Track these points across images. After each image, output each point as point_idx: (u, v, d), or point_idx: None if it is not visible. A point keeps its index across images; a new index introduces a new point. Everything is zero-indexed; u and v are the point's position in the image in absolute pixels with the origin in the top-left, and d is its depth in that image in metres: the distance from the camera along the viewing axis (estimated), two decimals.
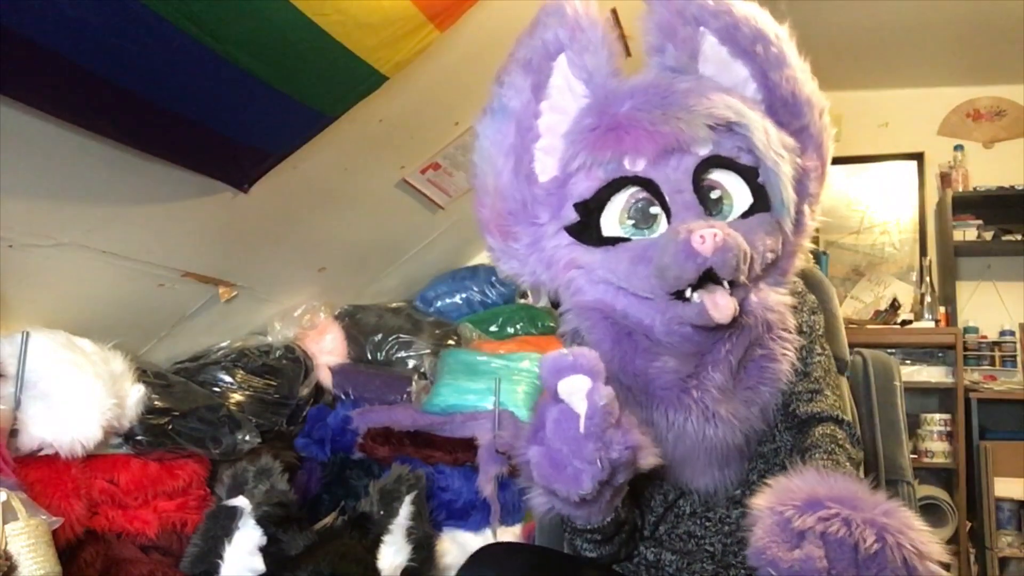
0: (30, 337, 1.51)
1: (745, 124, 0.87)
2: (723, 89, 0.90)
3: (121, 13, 1.10)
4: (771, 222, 0.90)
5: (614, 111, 0.89)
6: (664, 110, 0.86)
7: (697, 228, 0.81)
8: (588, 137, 0.89)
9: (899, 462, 1.34)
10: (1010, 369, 3.29)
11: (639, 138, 0.86)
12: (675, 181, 0.88)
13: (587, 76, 0.93)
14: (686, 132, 0.85)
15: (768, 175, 0.88)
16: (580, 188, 0.91)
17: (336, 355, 2.40)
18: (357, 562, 1.65)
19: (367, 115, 1.71)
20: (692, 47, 0.91)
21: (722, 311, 0.83)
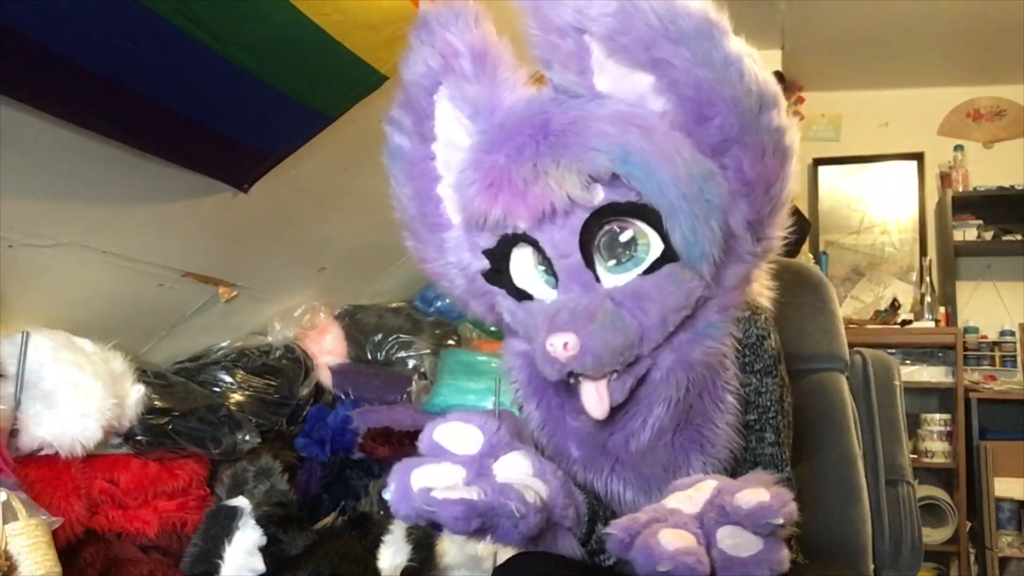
0: (30, 337, 1.51)
1: (628, 171, 0.72)
2: (615, 113, 0.74)
3: (121, 13, 1.10)
4: (682, 274, 0.77)
5: (491, 162, 0.76)
6: (536, 161, 0.73)
7: (552, 332, 0.74)
8: (467, 193, 0.78)
9: (899, 462, 1.34)
10: (1010, 369, 3.29)
11: (511, 201, 0.75)
12: (559, 243, 0.77)
13: (472, 110, 0.81)
14: (557, 193, 0.73)
15: (669, 223, 0.74)
16: (482, 239, 0.83)
17: (336, 355, 2.40)
18: (357, 562, 1.65)
19: (367, 115, 1.70)
20: (579, 63, 0.75)
21: (594, 407, 0.78)
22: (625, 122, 0.74)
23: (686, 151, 0.73)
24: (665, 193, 0.73)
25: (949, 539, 3.05)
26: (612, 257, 0.78)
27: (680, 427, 0.85)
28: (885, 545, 1.30)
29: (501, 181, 0.75)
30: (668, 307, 0.78)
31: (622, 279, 0.77)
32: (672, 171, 0.72)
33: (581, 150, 0.73)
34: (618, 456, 0.86)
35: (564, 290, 0.79)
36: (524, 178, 0.74)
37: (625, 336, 0.76)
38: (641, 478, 0.87)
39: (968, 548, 3.07)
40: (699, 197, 0.73)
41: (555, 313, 0.76)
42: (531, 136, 0.75)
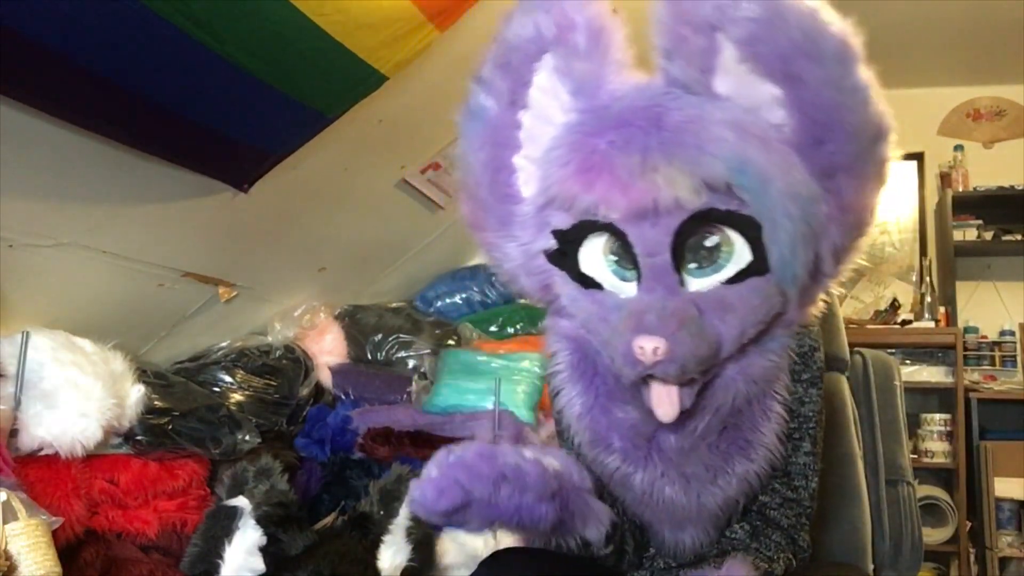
0: (30, 337, 1.51)
1: (742, 183, 0.70)
2: (734, 120, 0.71)
3: (121, 13, 1.10)
4: (767, 288, 0.76)
5: (592, 146, 0.73)
6: (645, 155, 0.70)
7: (639, 334, 0.72)
8: (559, 173, 0.75)
9: (899, 462, 1.34)
10: (1010, 369, 3.29)
11: (610, 190, 0.71)
12: (650, 241, 0.74)
13: (575, 87, 0.77)
14: (664, 192, 0.70)
15: (769, 239, 0.72)
16: (556, 219, 0.80)
17: (336, 355, 2.40)
18: (357, 562, 1.65)
19: (367, 115, 1.71)
20: (705, 61, 0.71)
21: (666, 412, 0.77)
22: (743, 130, 0.71)
23: (798, 170, 0.71)
24: (773, 209, 0.71)
25: (949, 539, 3.05)
26: (695, 260, 0.75)
27: (727, 431, 0.85)
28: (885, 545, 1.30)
29: (602, 168, 0.71)
30: (748, 320, 0.77)
31: (704, 283, 0.76)
32: (784, 188, 0.70)
33: (697, 152, 0.70)
34: (662, 452, 0.86)
35: (647, 289, 0.76)
36: (629, 169, 0.70)
37: (709, 346, 0.75)
38: (682, 477, 0.87)
39: (968, 548, 3.07)
40: (803, 218, 0.71)
41: (642, 314, 0.74)
42: (642, 128, 0.71)
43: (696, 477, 0.86)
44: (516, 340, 2.53)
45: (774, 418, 0.86)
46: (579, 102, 0.77)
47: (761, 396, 0.85)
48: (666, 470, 0.86)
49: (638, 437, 0.86)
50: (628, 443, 0.87)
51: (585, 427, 0.89)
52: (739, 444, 0.86)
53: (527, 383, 2.24)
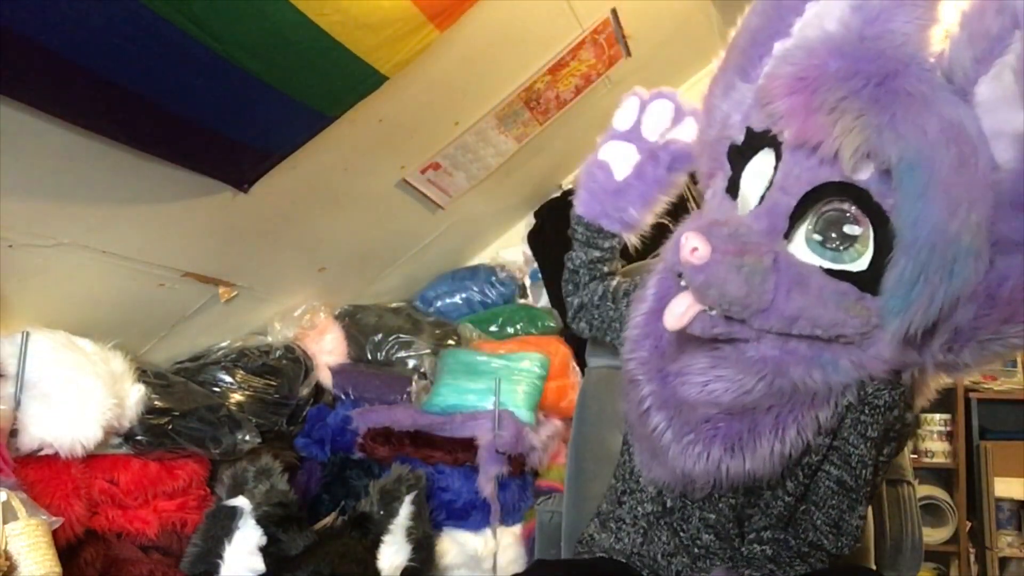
0: (30, 337, 1.51)
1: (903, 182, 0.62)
2: (955, 123, 0.63)
3: (121, 13, 1.10)
4: (854, 305, 0.70)
5: (821, 61, 0.67)
6: (845, 98, 0.64)
7: (695, 232, 0.69)
8: (777, 72, 0.71)
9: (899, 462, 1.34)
10: (1010, 369, 3.29)
11: (795, 110, 0.68)
12: (791, 178, 0.71)
13: (859, 3, 0.71)
14: (831, 140, 0.66)
15: (897, 256, 0.65)
16: (757, 117, 0.77)
17: (336, 355, 2.40)
18: (357, 562, 1.65)
19: (367, 115, 1.71)
20: (987, 49, 0.64)
21: (669, 316, 0.75)
22: (954, 136, 0.63)
23: (977, 215, 0.62)
24: (917, 228, 0.63)
25: (949, 539, 3.05)
26: (820, 232, 0.71)
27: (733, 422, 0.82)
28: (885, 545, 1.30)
29: (807, 87, 0.67)
30: (809, 315, 0.71)
31: (807, 256, 0.71)
32: (944, 216, 0.62)
33: (889, 123, 0.63)
34: (671, 388, 0.84)
35: (754, 216, 0.73)
36: (822, 100, 0.66)
37: (748, 294, 0.70)
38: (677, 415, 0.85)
39: (968, 548, 3.06)
40: (946, 262, 0.63)
41: (715, 223, 0.71)
42: (868, 72, 0.65)
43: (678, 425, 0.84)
44: (516, 340, 2.53)
45: (787, 444, 0.80)
46: (852, 18, 0.71)
47: (785, 414, 0.79)
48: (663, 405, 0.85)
49: (657, 359, 0.86)
50: (649, 355, 0.87)
51: (639, 323, 0.90)
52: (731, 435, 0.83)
53: (527, 383, 2.24)
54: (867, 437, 0.82)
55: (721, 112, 0.82)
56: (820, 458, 0.85)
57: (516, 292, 2.82)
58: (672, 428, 0.85)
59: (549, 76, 2.16)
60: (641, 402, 0.87)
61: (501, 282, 2.77)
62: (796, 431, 0.81)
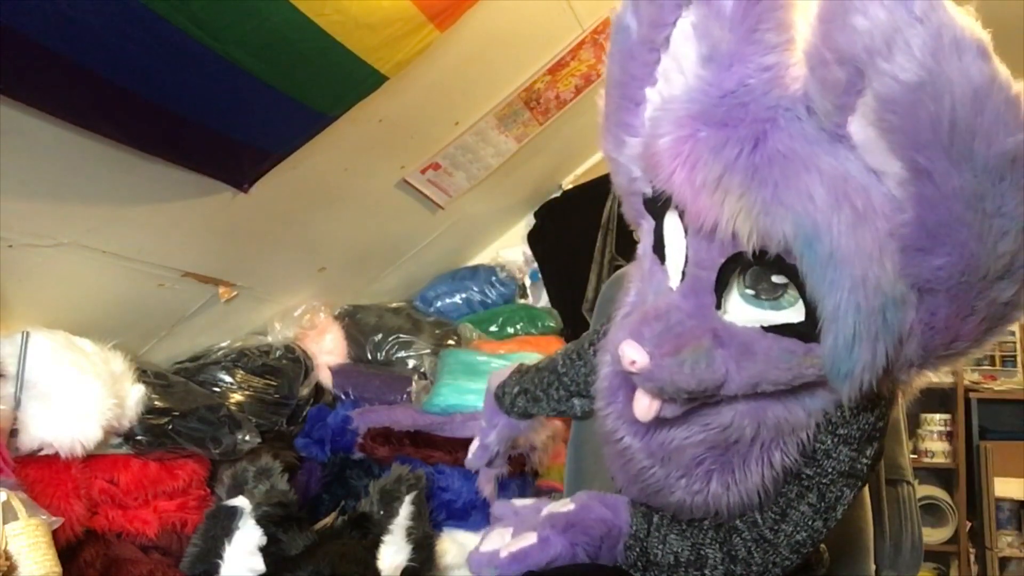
0: (30, 337, 1.51)
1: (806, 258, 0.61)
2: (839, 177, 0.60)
3: (121, 13, 1.10)
4: (803, 358, 0.69)
5: (692, 129, 0.64)
6: (724, 173, 0.62)
7: (629, 343, 0.69)
8: (654, 143, 0.68)
9: (899, 462, 1.34)
10: (1010, 369, 3.29)
11: (684, 188, 0.65)
12: (702, 254, 0.69)
13: (708, 52, 0.66)
14: (723, 223, 0.63)
15: (825, 327, 0.64)
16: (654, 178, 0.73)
17: (336, 355, 2.40)
18: (357, 562, 1.65)
19: (367, 115, 1.71)
20: (842, 98, 0.58)
21: (638, 410, 0.75)
22: (843, 192, 0.59)
23: (888, 265, 0.60)
24: (834, 296, 0.61)
25: (949, 539, 3.05)
26: (751, 287, 0.69)
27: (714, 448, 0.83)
28: (885, 545, 1.30)
29: (686, 161, 0.64)
30: (766, 376, 0.71)
31: (745, 316, 0.70)
32: (859, 276, 0.60)
33: (773, 198, 0.60)
34: (650, 431, 0.84)
35: (681, 294, 0.72)
36: (704, 179, 0.63)
37: (700, 382, 0.70)
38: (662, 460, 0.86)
39: (968, 548, 3.07)
40: (876, 316, 0.62)
41: (648, 319, 0.70)
42: (738, 138, 0.62)
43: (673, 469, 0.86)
44: (516, 340, 2.53)
45: (768, 465, 0.81)
46: (706, 71, 0.66)
47: (769, 443, 0.80)
48: (648, 448, 0.86)
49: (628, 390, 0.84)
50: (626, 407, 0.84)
51: (609, 374, 0.89)
52: (720, 468, 0.83)
53: None
54: (836, 434, 0.82)
55: (621, 166, 0.79)
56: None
57: (516, 292, 2.82)
58: (663, 471, 0.87)
59: (549, 76, 2.16)
60: (624, 452, 0.89)
61: (501, 282, 2.77)
62: (781, 455, 0.82)
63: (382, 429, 2.15)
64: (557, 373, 1.17)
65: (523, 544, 0.94)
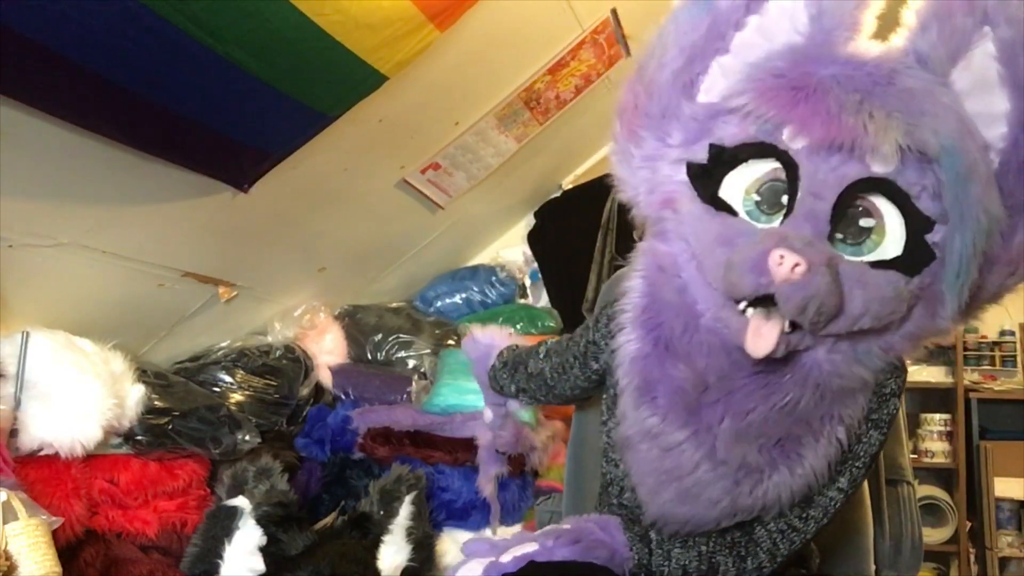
0: (30, 337, 1.51)
1: (948, 167, 0.67)
2: (962, 114, 0.69)
3: (121, 13, 1.10)
4: (902, 289, 0.73)
5: (813, 69, 0.71)
6: (865, 98, 0.68)
7: (786, 248, 0.68)
8: (766, 83, 0.73)
9: (899, 462, 1.34)
10: (1010, 369, 3.29)
11: (814, 114, 0.69)
12: (821, 183, 0.72)
13: (818, 12, 0.74)
14: (868, 138, 0.67)
15: (951, 237, 0.70)
16: (727, 131, 0.77)
17: (336, 355, 2.40)
18: (357, 562, 1.65)
19: (367, 115, 1.71)
20: (958, 45, 0.70)
21: (758, 344, 0.73)
22: (966, 126, 0.69)
23: (994, 187, 0.70)
24: (969, 206, 0.68)
25: (949, 539, 3.05)
26: (843, 232, 0.73)
27: (782, 440, 0.82)
28: (885, 545, 1.30)
29: (814, 93, 0.69)
30: (873, 308, 0.73)
31: (848, 256, 0.73)
32: (983, 195, 0.68)
33: (920, 116, 0.68)
34: (708, 425, 0.82)
35: (793, 225, 0.73)
36: (843, 104, 0.68)
37: (835, 304, 0.71)
38: (713, 455, 0.83)
39: (968, 548, 3.07)
40: (986, 232, 0.69)
41: (786, 235, 0.71)
42: (870, 75, 0.70)
43: (728, 465, 0.83)
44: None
45: (834, 443, 0.82)
46: (814, 28, 0.74)
47: (828, 414, 0.80)
48: (699, 443, 0.83)
49: (683, 401, 0.83)
50: (672, 403, 0.84)
51: (636, 372, 0.86)
52: (789, 454, 0.82)
53: None
54: (870, 420, 0.85)
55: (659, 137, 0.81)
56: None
57: (516, 292, 2.82)
58: (711, 467, 0.83)
59: (549, 76, 2.16)
60: (670, 450, 0.84)
61: (501, 282, 2.77)
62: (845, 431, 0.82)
63: (382, 429, 2.15)
64: (548, 386, 1.14)
65: (526, 550, 0.91)
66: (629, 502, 0.98)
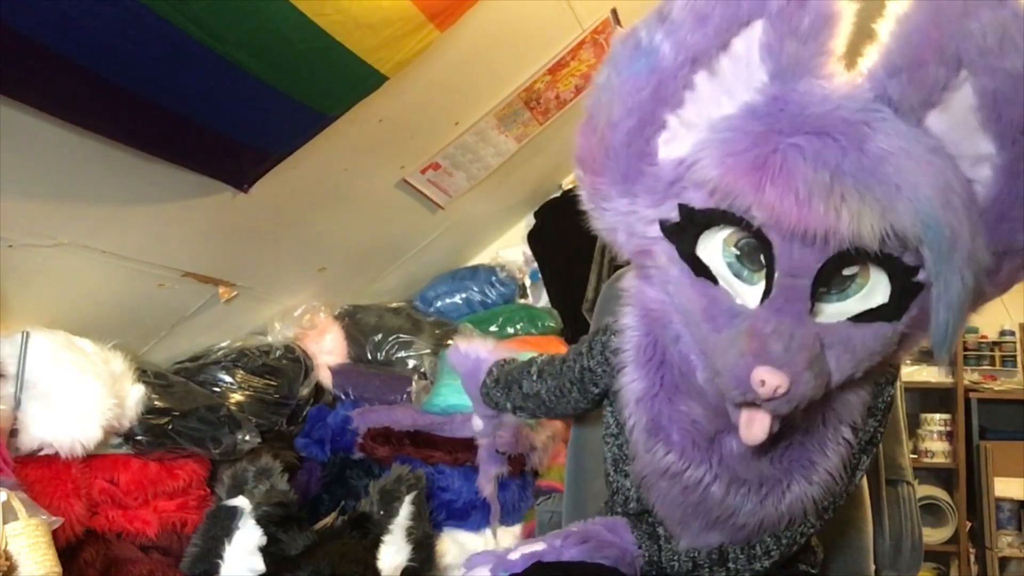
0: (30, 337, 1.51)
1: (930, 246, 0.63)
2: (939, 168, 0.63)
3: (121, 13, 1.10)
4: (890, 336, 0.71)
5: (776, 143, 0.64)
6: (835, 179, 0.62)
7: (767, 368, 0.66)
8: (727, 160, 0.67)
9: (899, 462, 1.34)
10: (1010, 369, 3.29)
11: (783, 200, 0.63)
12: (796, 262, 0.67)
13: (776, 67, 0.67)
14: (844, 228, 0.62)
15: (936, 307, 0.66)
16: (693, 196, 0.72)
17: (336, 355, 2.40)
18: (357, 562, 1.65)
19: (367, 115, 1.71)
20: (933, 92, 0.64)
21: (751, 434, 0.72)
22: (946, 177, 0.63)
23: (980, 237, 0.65)
24: (950, 279, 0.64)
25: (949, 539, 3.05)
26: (825, 285, 0.69)
27: (792, 448, 0.83)
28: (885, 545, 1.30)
29: (780, 173, 0.63)
30: (861, 364, 0.72)
31: (831, 313, 0.71)
32: (968, 253, 0.64)
33: (894, 194, 0.62)
34: (723, 455, 0.83)
35: (775, 309, 0.69)
36: (812, 187, 0.62)
37: (823, 386, 0.70)
38: (736, 482, 0.84)
39: (968, 548, 3.07)
40: (974, 288, 0.66)
41: (767, 339, 0.67)
42: (841, 146, 0.63)
43: (750, 486, 0.84)
44: (516, 340, 2.53)
45: (843, 444, 0.83)
46: (774, 87, 0.68)
47: (837, 422, 0.82)
48: (721, 473, 0.83)
49: (699, 435, 0.82)
50: (687, 439, 0.83)
51: (644, 412, 0.85)
52: (802, 463, 0.83)
53: None
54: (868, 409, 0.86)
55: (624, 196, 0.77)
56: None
57: (516, 292, 2.82)
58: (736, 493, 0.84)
59: (549, 76, 2.16)
60: (694, 486, 0.84)
61: (501, 282, 2.77)
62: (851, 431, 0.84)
63: (382, 429, 2.15)
64: (546, 406, 1.12)
65: (534, 548, 0.92)
66: (635, 511, 0.99)
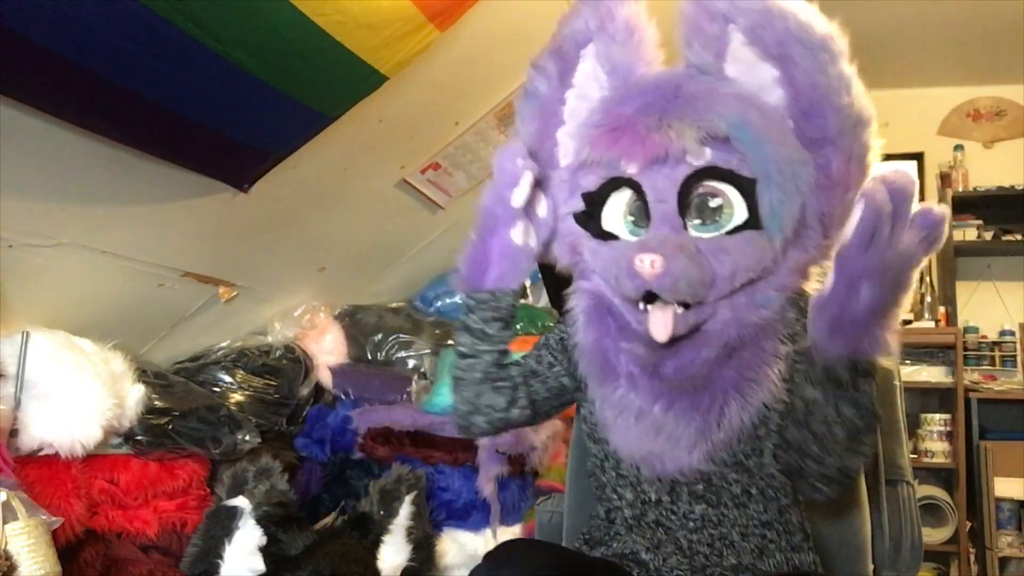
0: (30, 337, 1.51)
1: (740, 138, 0.84)
2: (739, 93, 0.87)
3: (121, 13, 1.11)
4: (759, 241, 0.87)
5: (620, 110, 0.89)
6: (662, 116, 0.85)
7: (644, 251, 0.84)
8: (592, 134, 0.91)
9: (899, 462, 1.34)
10: (1010, 369, 3.29)
11: (632, 143, 0.87)
12: (660, 190, 0.88)
13: (611, 68, 0.95)
14: (675, 143, 0.85)
15: (761, 191, 0.85)
16: (587, 180, 0.95)
17: (336, 355, 2.40)
18: (357, 562, 1.65)
19: (367, 115, 1.71)
20: (718, 46, 0.88)
21: (659, 330, 0.87)
22: (746, 100, 0.86)
23: (790, 137, 0.86)
24: (766, 164, 0.84)
25: (949, 539, 3.05)
26: (699, 217, 0.88)
27: (728, 365, 0.92)
28: (885, 545, 1.30)
29: (625, 127, 0.87)
30: (740, 265, 0.88)
31: (705, 235, 0.88)
32: (776, 147, 0.85)
33: (705, 111, 0.84)
34: (661, 379, 0.93)
35: (655, 230, 0.89)
36: (647, 126, 0.85)
37: (701, 273, 0.86)
38: (679, 400, 0.93)
39: (968, 548, 3.06)
40: (791, 177, 0.85)
41: (645, 241, 0.88)
42: (661, 96, 0.87)
43: (691, 404, 0.92)
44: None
45: (772, 361, 0.92)
46: (613, 80, 0.95)
47: (758, 348, 0.92)
48: (662, 394, 0.93)
49: (642, 366, 0.94)
50: (634, 371, 0.95)
51: (598, 354, 0.99)
52: (735, 382, 0.92)
53: None
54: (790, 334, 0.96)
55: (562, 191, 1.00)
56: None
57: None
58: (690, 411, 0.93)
59: None
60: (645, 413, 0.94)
61: None
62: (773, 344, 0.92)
63: (382, 429, 2.15)
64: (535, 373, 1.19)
65: None
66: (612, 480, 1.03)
